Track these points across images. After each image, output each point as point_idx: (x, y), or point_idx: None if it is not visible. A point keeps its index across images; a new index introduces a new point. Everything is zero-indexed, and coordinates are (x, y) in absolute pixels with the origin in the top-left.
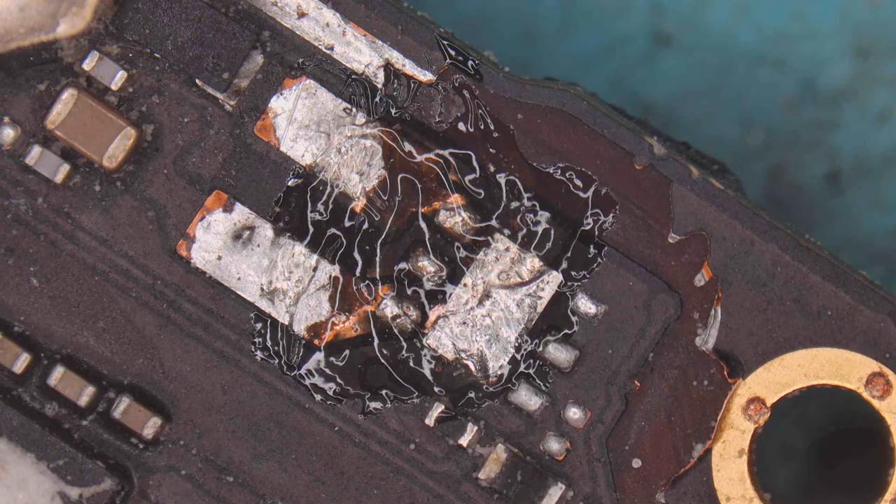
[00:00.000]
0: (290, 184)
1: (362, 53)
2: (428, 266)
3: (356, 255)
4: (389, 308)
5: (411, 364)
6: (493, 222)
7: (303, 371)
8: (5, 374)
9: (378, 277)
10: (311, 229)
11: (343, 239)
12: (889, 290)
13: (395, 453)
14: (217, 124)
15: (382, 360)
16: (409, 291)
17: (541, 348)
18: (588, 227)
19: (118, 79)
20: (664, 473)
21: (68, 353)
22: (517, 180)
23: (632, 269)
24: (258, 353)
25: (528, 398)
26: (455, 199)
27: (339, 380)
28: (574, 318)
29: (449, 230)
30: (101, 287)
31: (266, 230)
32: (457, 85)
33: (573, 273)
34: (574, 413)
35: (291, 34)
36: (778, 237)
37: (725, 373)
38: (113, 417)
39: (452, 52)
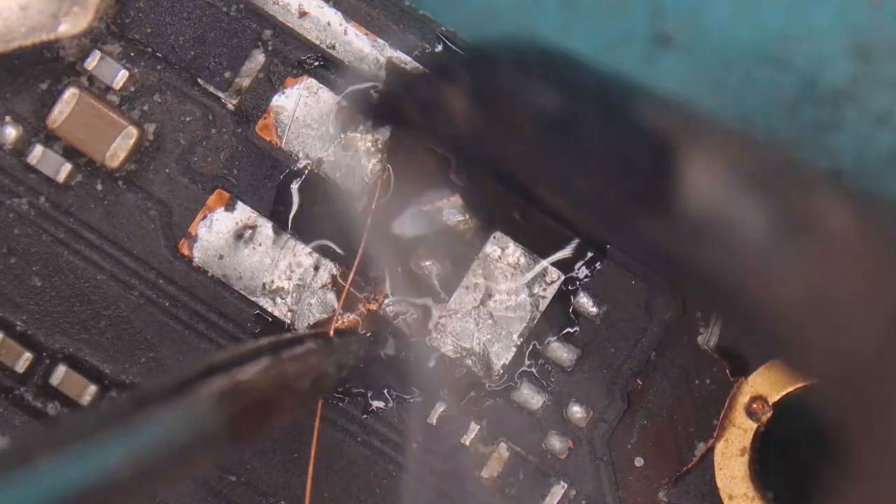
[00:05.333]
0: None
1: (364, 52)
2: (430, 265)
3: (358, 253)
4: (391, 307)
5: (413, 363)
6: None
7: None
8: (7, 374)
9: (380, 276)
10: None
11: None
12: None
13: (398, 452)
14: (219, 123)
15: (384, 359)
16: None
17: (543, 347)
18: None
19: (120, 78)
20: (666, 472)
21: (70, 353)
22: None
23: (634, 268)
24: None
25: (530, 397)
26: (457, 198)
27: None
28: (576, 317)
29: (451, 229)
30: (104, 286)
31: (268, 229)
32: None
33: (575, 272)
34: (576, 412)
35: (293, 33)
36: None
37: (728, 371)
38: None
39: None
